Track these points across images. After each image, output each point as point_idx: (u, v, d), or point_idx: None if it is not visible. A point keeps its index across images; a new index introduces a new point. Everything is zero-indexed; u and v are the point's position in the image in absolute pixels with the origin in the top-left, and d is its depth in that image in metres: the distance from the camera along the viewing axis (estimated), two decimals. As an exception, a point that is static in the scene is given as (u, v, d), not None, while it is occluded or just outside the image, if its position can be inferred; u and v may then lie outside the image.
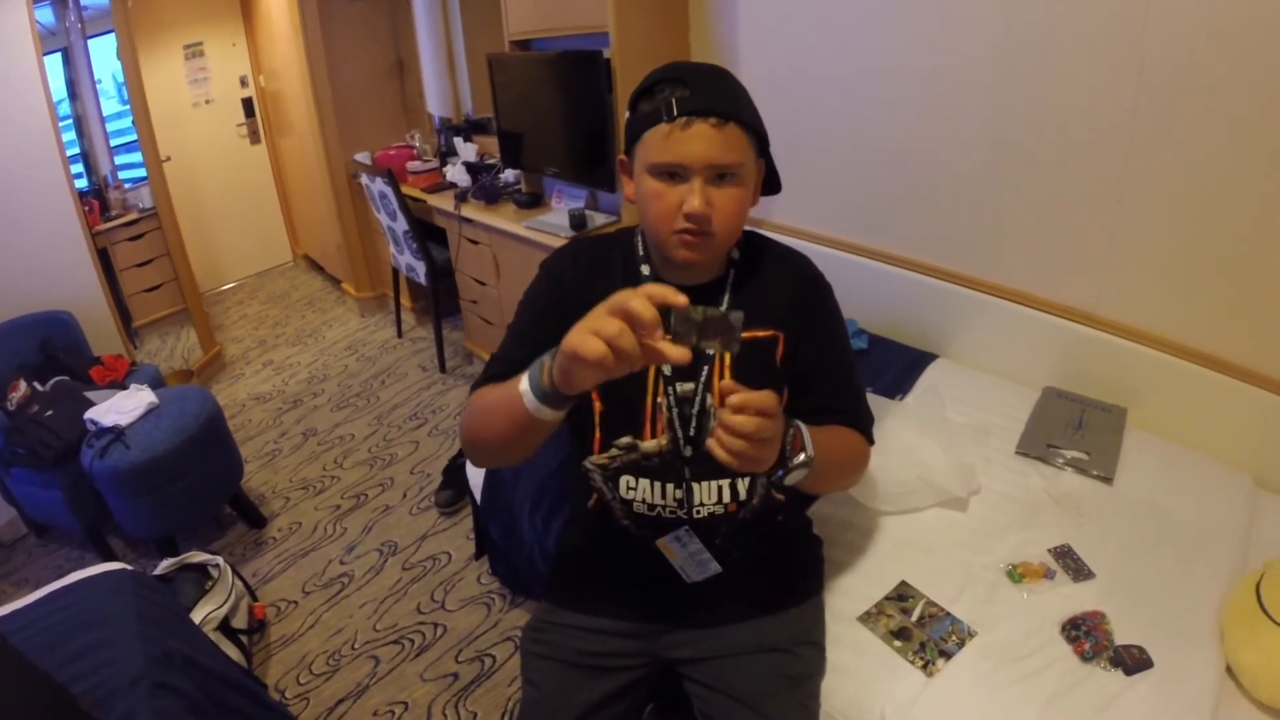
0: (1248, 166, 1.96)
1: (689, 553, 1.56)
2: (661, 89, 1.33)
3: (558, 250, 1.60)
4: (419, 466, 3.77)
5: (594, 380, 1.14)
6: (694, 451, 1.49)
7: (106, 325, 4.08)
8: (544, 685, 1.61)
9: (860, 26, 2.74)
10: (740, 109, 1.33)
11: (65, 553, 3.40)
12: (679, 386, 1.48)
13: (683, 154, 1.30)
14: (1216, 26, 1.91)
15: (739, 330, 1.11)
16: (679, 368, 1.44)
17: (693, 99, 1.30)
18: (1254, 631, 1.49)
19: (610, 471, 1.53)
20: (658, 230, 1.39)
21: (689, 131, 1.29)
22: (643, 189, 1.38)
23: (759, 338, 1.49)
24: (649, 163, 1.35)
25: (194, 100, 6.19)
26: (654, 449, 1.49)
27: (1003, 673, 1.54)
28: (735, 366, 1.47)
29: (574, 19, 3.34)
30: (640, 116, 1.36)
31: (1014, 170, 2.46)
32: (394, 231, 4.59)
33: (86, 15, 4.40)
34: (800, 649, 1.59)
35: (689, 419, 1.48)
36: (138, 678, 1.67)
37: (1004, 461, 2.20)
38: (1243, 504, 1.97)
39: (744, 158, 1.34)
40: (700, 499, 1.53)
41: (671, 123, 1.30)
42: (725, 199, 1.34)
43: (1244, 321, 2.11)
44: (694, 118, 1.29)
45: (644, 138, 1.35)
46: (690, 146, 1.30)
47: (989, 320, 2.66)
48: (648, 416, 1.49)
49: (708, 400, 1.48)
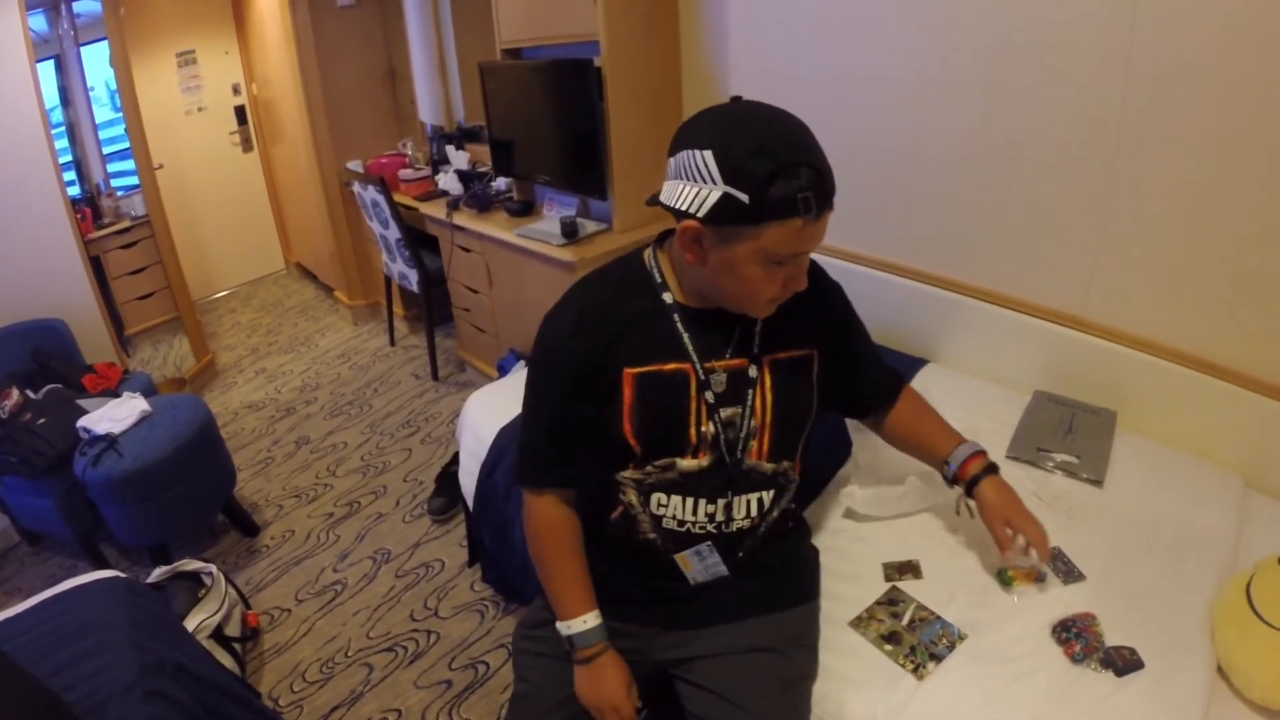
0: (1235, 169, 1.97)
1: (706, 564, 1.57)
2: (798, 174, 1.23)
3: (555, 311, 1.55)
4: (412, 474, 3.78)
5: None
6: (734, 470, 1.52)
7: (99, 333, 4.08)
8: (536, 681, 1.63)
9: (847, 33, 2.75)
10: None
11: (58, 561, 3.40)
12: (723, 413, 1.49)
13: (809, 246, 1.31)
14: (1203, 30, 1.92)
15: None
16: (722, 395, 1.49)
17: (822, 191, 1.27)
18: (1245, 632, 1.49)
19: (645, 486, 1.53)
20: (753, 300, 1.39)
21: (818, 224, 1.28)
22: (744, 271, 1.32)
23: (795, 357, 1.55)
24: (769, 253, 1.29)
25: (186, 108, 6.20)
26: (693, 468, 1.50)
27: (994, 675, 1.54)
28: (775, 388, 1.51)
29: (565, 27, 3.34)
30: (772, 204, 1.24)
31: (1002, 175, 2.47)
32: (386, 239, 4.60)
33: (79, 23, 4.41)
34: (793, 651, 1.60)
35: (734, 443, 1.50)
36: (131, 685, 1.68)
37: (994, 466, 2.20)
38: (1233, 505, 1.97)
39: None
40: (733, 514, 1.55)
41: (806, 217, 1.25)
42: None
43: (1233, 324, 2.11)
44: (822, 213, 1.28)
45: (767, 228, 1.26)
46: (815, 239, 1.31)
47: (979, 325, 2.66)
48: (691, 444, 1.49)
49: (751, 421, 1.50)
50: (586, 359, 1.46)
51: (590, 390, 1.47)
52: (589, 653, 1.53)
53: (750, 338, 1.51)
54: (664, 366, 1.47)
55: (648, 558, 1.58)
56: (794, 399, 1.55)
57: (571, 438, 1.53)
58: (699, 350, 1.47)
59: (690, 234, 1.33)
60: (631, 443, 1.47)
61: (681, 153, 1.31)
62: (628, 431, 1.47)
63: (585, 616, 1.53)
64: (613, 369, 1.46)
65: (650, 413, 1.47)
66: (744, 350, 1.50)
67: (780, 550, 1.69)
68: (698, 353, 1.47)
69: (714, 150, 1.25)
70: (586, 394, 1.48)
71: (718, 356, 1.49)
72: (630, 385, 1.46)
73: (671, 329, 1.47)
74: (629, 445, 1.48)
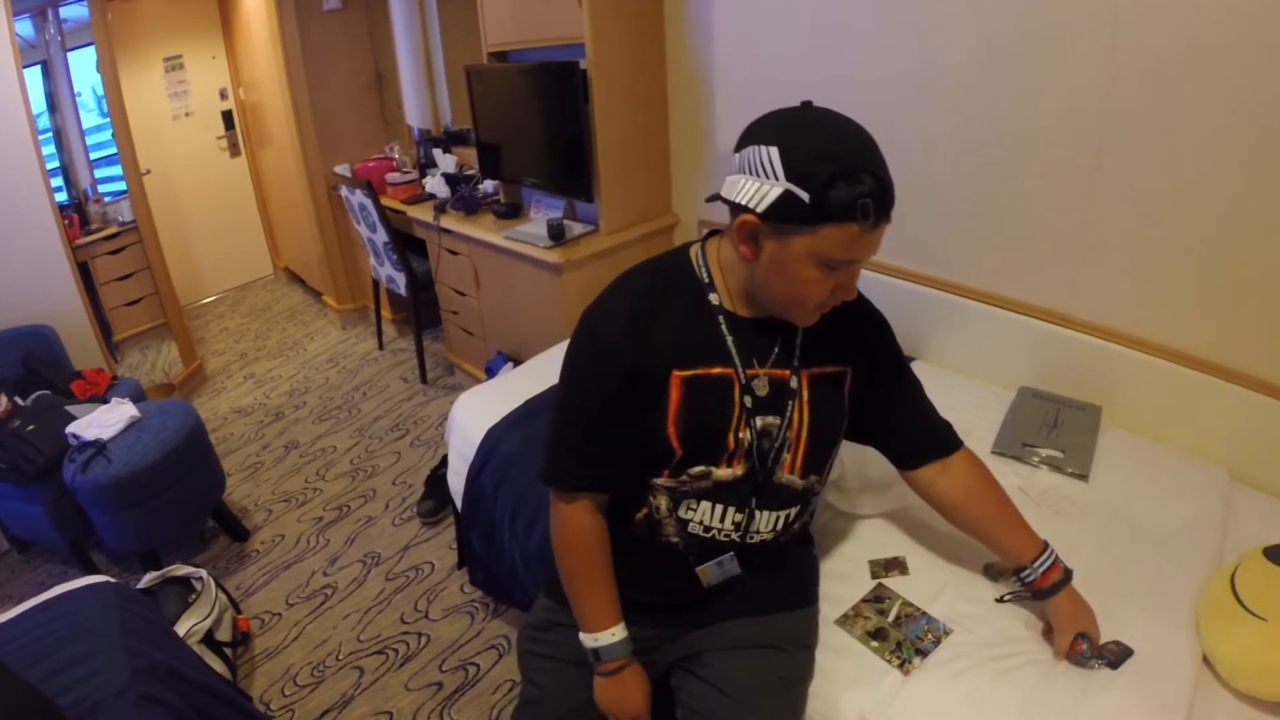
0: (1218, 168, 1.99)
1: (724, 571, 1.58)
2: (860, 180, 1.23)
3: (602, 308, 1.51)
4: (401, 477, 3.78)
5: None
6: (765, 481, 1.52)
7: (87, 339, 4.07)
8: (546, 685, 1.63)
9: (831, 35, 2.77)
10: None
11: (48, 568, 3.39)
12: (760, 421, 1.48)
13: (865, 253, 1.30)
14: (1185, 30, 1.95)
15: None
16: (760, 400, 1.48)
17: (883, 200, 1.25)
18: (1230, 622, 1.51)
19: (678, 494, 1.52)
20: (801, 305, 1.39)
21: (875, 234, 1.27)
22: (796, 272, 1.32)
23: (829, 372, 1.55)
24: (824, 255, 1.29)
25: (174, 113, 6.18)
26: (728, 478, 1.50)
27: (980, 670, 1.55)
28: (813, 402, 1.52)
29: (551, 30, 3.35)
30: (832, 206, 1.23)
31: (987, 174, 2.49)
32: (374, 243, 4.60)
33: (66, 28, 4.40)
34: (796, 652, 1.61)
35: (767, 453, 1.50)
36: (123, 690, 1.68)
37: (980, 462, 2.21)
38: (1218, 498, 2.00)
39: None
40: (758, 526, 1.55)
41: (863, 224, 1.24)
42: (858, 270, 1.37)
43: (1216, 318, 2.14)
44: (880, 221, 1.26)
45: (824, 230, 1.26)
46: (871, 247, 1.30)
47: (964, 323, 2.68)
48: (729, 450, 1.48)
49: (787, 433, 1.50)
50: (639, 358, 1.43)
51: (638, 390, 1.45)
52: (614, 665, 1.54)
53: (791, 348, 1.51)
54: (710, 370, 1.46)
55: (667, 561, 1.57)
56: (829, 414, 1.55)
57: (611, 439, 1.49)
58: (742, 356, 1.47)
59: (748, 229, 1.33)
60: (675, 445, 1.45)
61: (748, 148, 1.30)
62: (672, 435, 1.45)
63: (613, 630, 1.53)
64: (662, 370, 1.44)
65: (695, 417, 1.45)
66: (785, 360, 1.50)
67: (788, 553, 1.70)
68: (740, 358, 1.47)
69: (780, 147, 1.26)
70: (634, 393, 1.45)
71: (760, 364, 1.48)
72: (677, 388, 1.44)
73: (716, 332, 1.47)
74: (671, 448, 1.46)
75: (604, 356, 1.45)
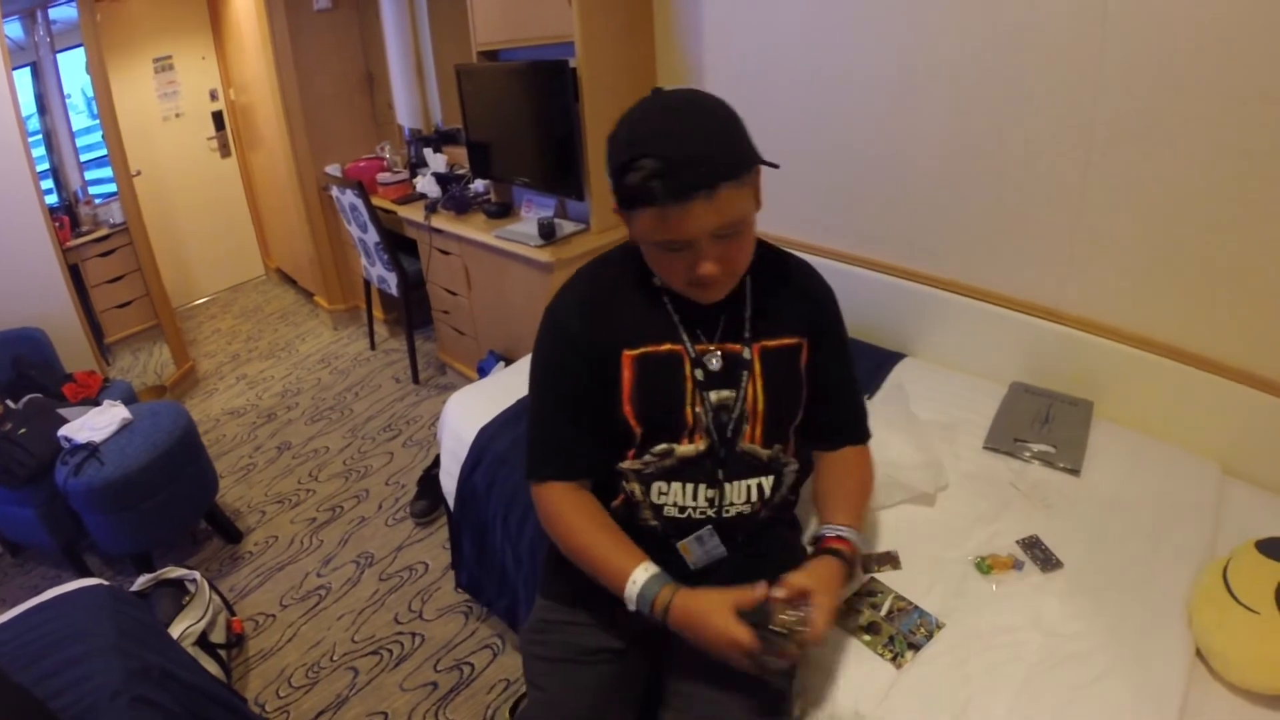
0: (1206, 161, 2.00)
1: (706, 549, 1.58)
2: (639, 167, 1.25)
3: (560, 298, 1.57)
4: (394, 478, 3.78)
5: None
6: (726, 453, 1.52)
7: (79, 342, 4.07)
8: (551, 688, 1.61)
9: (821, 32, 2.77)
10: (724, 164, 1.27)
11: (41, 571, 3.38)
12: (715, 395, 1.50)
13: (681, 233, 1.28)
14: (1173, 26, 1.95)
15: (777, 654, 1.29)
16: (712, 375, 1.50)
17: (674, 178, 1.24)
18: (1223, 615, 1.51)
19: (645, 475, 1.55)
20: (672, 284, 1.42)
21: (680, 210, 1.25)
22: (649, 253, 1.38)
23: (786, 345, 1.55)
24: (649, 238, 1.33)
25: (164, 114, 6.17)
26: (691, 453, 1.52)
27: (972, 663, 1.56)
28: (765, 376, 1.52)
29: (540, 29, 3.35)
30: (627, 194, 1.30)
31: (977, 170, 2.49)
32: (365, 243, 4.60)
33: (55, 29, 4.39)
34: None
35: (725, 425, 1.51)
36: (117, 692, 1.68)
37: (972, 457, 2.22)
38: (1210, 491, 2.00)
39: (742, 209, 1.31)
40: (730, 499, 1.56)
41: (662, 206, 1.25)
42: (734, 249, 1.35)
43: (1207, 312, 2.14)
44: (683, 199, 1.24)
45: (638, 215, 1.31)
46: (686, 226, 1.27)
47: (956, 319, 2.69)
48: (687, 425, 1.50)
49: (743, 406, 1.51)
50: (592, 341, 1.49)
51: (596, 372, 1.49)
52: (667, 596, 1.39)
53: (740, 323, 1.53)
54: (659, 347, 1.49)
55: (649, 544, 1.55)
56: (785, 385, 1.56)
57: (583, 423, 1.53)
58: (690, 332, 1.50)
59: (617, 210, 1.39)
60: (633, 424, 1.49)
61: None
62: (629, 413, 1.49)
63: (643, 565, 1.43)
64: (614, 352, 1.49)
65: (649, 394, 1.49)
66: (735, 335, 1.52)
67: (773, 535, 1.71)
68: (689, 334, 1.50)
69: (609, 141, 1.35)
70: (592, 376, 1.50)
71: (708, 339, 1.51)
72: (629, 367, 1.49)
73: (663, 311, 1.51)
74: (630, 428, 1.50)
75: (564, 343, 1.52)
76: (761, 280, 1.55)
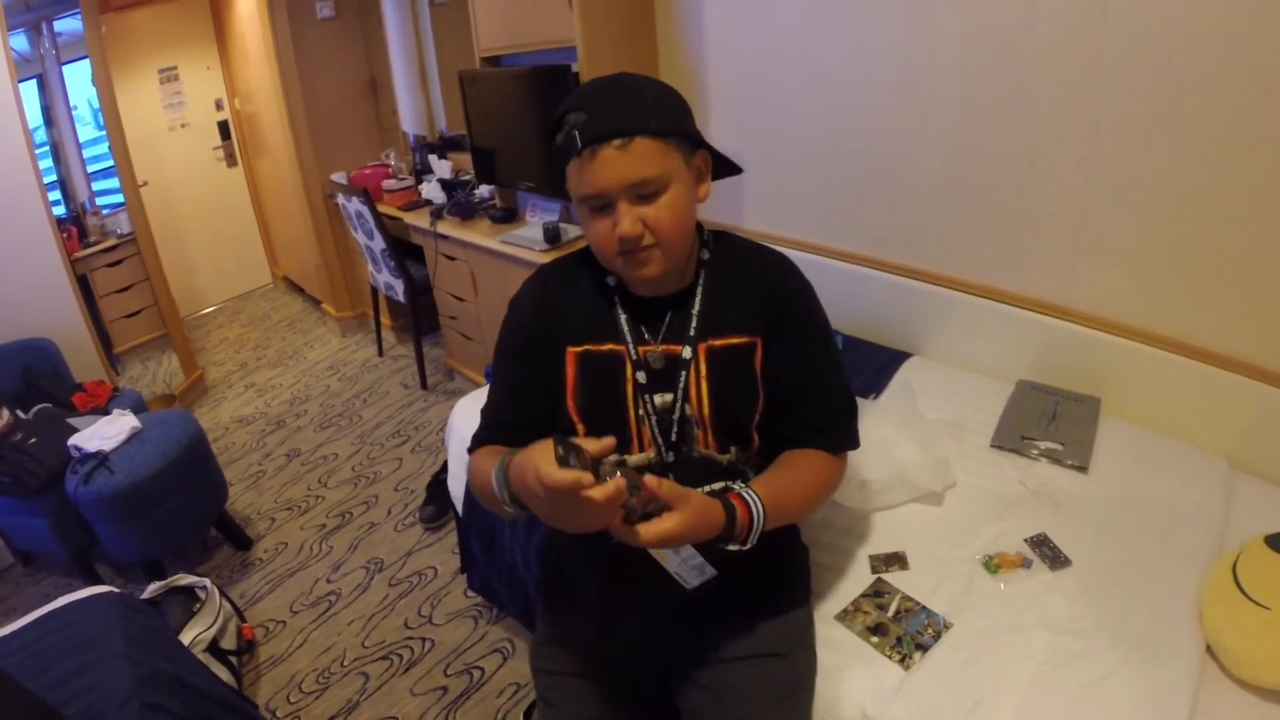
0: (1211, 156, 2.00)
1: (681, 558, 1.53)
2: (566, 120, 1.31)
3: (523, 286, 1.61)
4: (403, 483, 3.78)
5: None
6: (676, 459, 1.48)
7: (88, 351, 4.08)
8: (559, 702, 1.61)
9: (823, 34, 2.78)
10: (644, 119, 1.28)
11: (53, 580, 3.40)
12: (657, 399, 1.47)
13: (597, 184, 1.29)
14: (1176, 21, 1.95)
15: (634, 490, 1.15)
16: (656, 377, 1.47)
17: (591, 125, 1.27)
18: (1232, 611, 1.51)
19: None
20: (603, 257, 1.40)
21: (596, 159, 1.28)
22: (585, 226, 1.38)
23: (734, 345, 1.48)
24: (575, 196, 1.36)
25: (170, 124, 6.19)
26: (643, 462, 1.48)
27: (980, 663, 1.55)
28: (711, 377, 1.46)
29: (543, 34, 3.36)
30: (555, 151, 1.35)
31: (982, 167, 2.49)
32: (372, 250, 4.61)
33: (61, 42, 4.42)
34: (795, 652, 1.58)
35: (670, 427, 1.47)
36: (127, 699, 1.68)
37: (979, 455, 2.22)
38: (1219, 487, 1.99)
39: (662, 168, 1.30)
40: None
41: (580, 156, 1.29)
42: (657, 212, 1.32)
43: (1213, 307, 2.14)
44: (598, 145, 1.27)
45: (567, 173, 1.35)
46: (601, 175, 1.28)
47: (961, 317, 2.68)
48: (633, 431, 1.48)
49: (687, 409, 1.47)
50: (542, 329, 1.51)
51: (546, 364, 1.50)
52: (508, 460, 1.27)
53: (686, 322, 1.48)
54: (601, 346, 1.49)
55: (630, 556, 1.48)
56: (734, 388, 1.48)
57: (522, 412, 1.53)
58: (634, 333, 1.48)
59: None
60: (576, 421, 1.49)
61: None
62: (572, 409, 1.49)
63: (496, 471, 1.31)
64: (559, 347, 1.50)
65: (590, 392, 1.48)
66: (678, 334, 1.48)
67: (769, 549, 1.67)
68: (633, 335, 1.48)
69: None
70: (541, 367, 1.51)
71: (653, 339, 1.49)
72: (572, 363, 1.49)
73: (611, 310, 1.50)
74: (574, 424, 1.49)
75: (516, 328, 1.55)
76: (717, 275, 1.51)
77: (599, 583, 1.64)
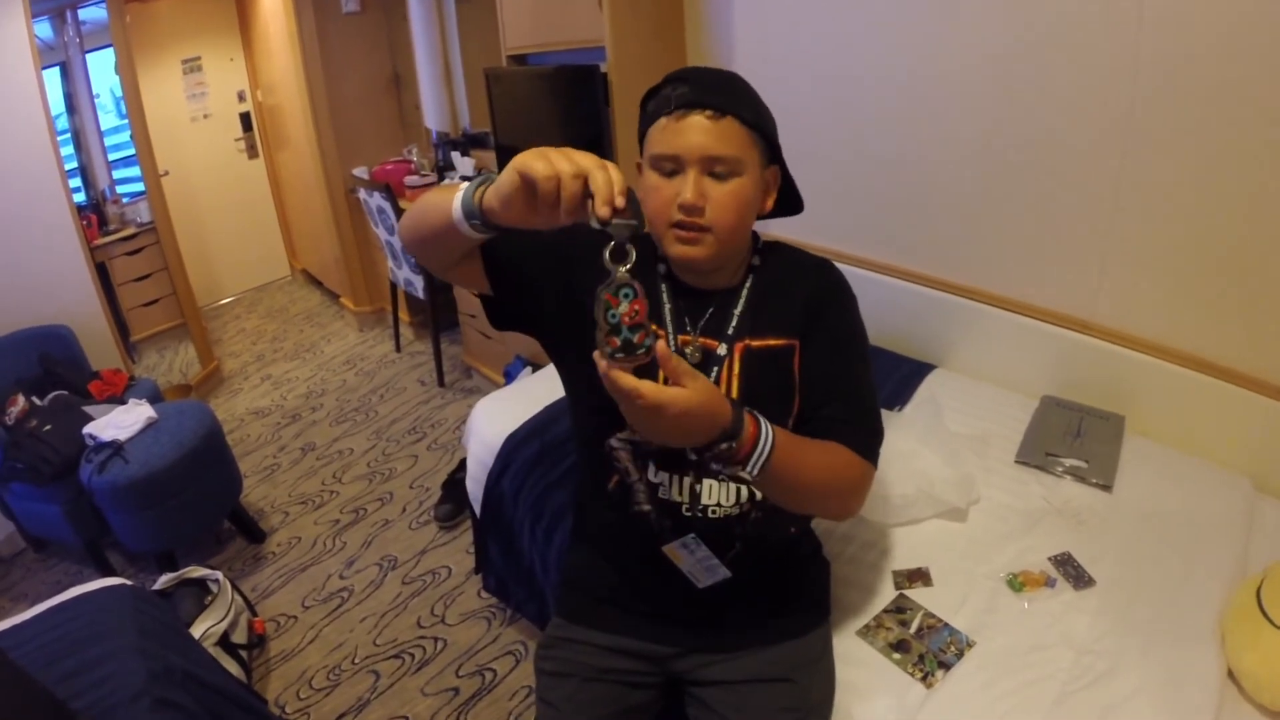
0: (1241, 171, 1.97)
1: (696, 559, 1.52)
2: (665, 88, 1.35)
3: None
4: (418, 481, 3.77)
5: (520, 215, 1.15)
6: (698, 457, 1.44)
7: (105, 340, 4.08)
8: (560, 705, 1.59)
9: (852, 37, 2.76)
10: (740, 105, 1.33)
11: (64, 567, 3.40)
12: None
13: (678, 145, 1.31)
14: (1210, 31, 1.92)
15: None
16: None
17: (691, 93, 1.31)
18: (1256, 635, 1.49)
19: (641, 451, 1.48)
20: (656, 225, 1.38)
21: (684, 123, 1.31)
22: (644, 184, 1.38)
23: (773, 346, 1.46)
24: (649, 155, 1.37)
25: (192, 115, 6.19)
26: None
27: (1003, 682, 1.53)
28: (743, 376, 1.44)
29: (571, 33, 3.34)
30: (646, 115, 1.40)
31: (1009, 178, 2.47)
32: (392, 245, 4.60)
33: (85, 30, 4.42)
34: (808, 677, 1.56)
35: None
36: (139, 693, 1.67)
37: (1003, 471, 2.20)
38: (1242, 508, 1.97)
39: (741, 153, 1.33)
40: (705, 499, 1.48)
41: (670, 116, 1.32)
42: (721, 192, 1.32)
43: (1240, 326, 2.11)
44: (691, 110, 1.31)
45: (648, 134, 1.38)
46: (685, 138, 1.31)
47: (986, 329, 2.66)
48: None
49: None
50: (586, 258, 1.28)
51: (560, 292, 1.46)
52: (485, 187, 1.22)
53: (727, 319, 1.47)
54: None
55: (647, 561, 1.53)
56: (768, 390, 1.45)
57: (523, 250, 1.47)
58: (676, 320, 1.47)
59: (638, 170, 1.44)
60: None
61: None
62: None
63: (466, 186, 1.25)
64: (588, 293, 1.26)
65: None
66: (718, 329, 1.47)
67: (788, 562, 1.66)
68: (674, 322, 1.47)
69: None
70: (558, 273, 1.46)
71: (693, 330, 1.47)
72: None
73: (657, 294, 1.48)
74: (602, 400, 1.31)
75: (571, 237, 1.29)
76: (764, 280, 1.50)
77: (615, 587, 1.63)
